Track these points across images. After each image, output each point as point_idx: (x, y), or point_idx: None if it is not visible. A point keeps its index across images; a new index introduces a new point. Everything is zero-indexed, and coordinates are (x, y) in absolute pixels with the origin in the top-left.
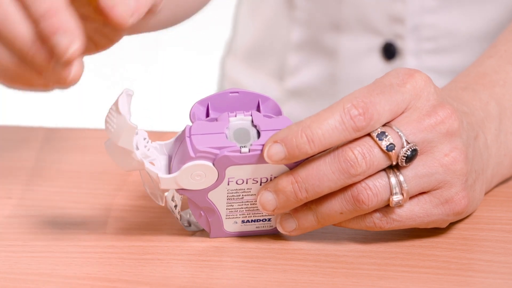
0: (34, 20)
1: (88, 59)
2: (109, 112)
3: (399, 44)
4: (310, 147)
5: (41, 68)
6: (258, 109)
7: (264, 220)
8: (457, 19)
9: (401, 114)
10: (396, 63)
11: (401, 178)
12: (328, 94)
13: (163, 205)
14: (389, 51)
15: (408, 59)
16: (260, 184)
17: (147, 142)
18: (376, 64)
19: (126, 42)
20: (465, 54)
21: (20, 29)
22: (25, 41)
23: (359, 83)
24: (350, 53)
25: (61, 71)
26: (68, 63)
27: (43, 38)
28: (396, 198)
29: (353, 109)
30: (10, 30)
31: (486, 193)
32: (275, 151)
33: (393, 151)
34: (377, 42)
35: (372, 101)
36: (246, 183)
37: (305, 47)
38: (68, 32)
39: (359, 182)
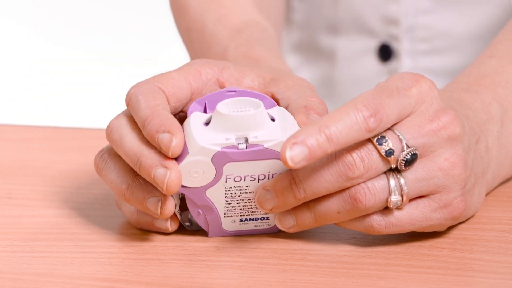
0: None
1: (88, 60)
2: None
3: (395, 45)
4: (329, 146)
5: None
6: None
7: (262, 218)
8: (452, 20)
9: (404, 118)
10: (392, 64)
11: (402, 181)
12: (325, 96)
13: None
14: (385, 52)
15: (403, 60)
16: (258, 182)
17: None
18: (372, 65)
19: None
20: (459, 54)
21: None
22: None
23: (356, 85)
24: (347, 55)
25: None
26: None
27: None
28: (394, 198)
29: (364, 110)
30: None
31: (486, 194)
32: (296, 152)
33: (392, 156)
34: (373, 44)
35: (382, 103)
36: (244, 180)
37: (302, 49)
38: (168, 129)
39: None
